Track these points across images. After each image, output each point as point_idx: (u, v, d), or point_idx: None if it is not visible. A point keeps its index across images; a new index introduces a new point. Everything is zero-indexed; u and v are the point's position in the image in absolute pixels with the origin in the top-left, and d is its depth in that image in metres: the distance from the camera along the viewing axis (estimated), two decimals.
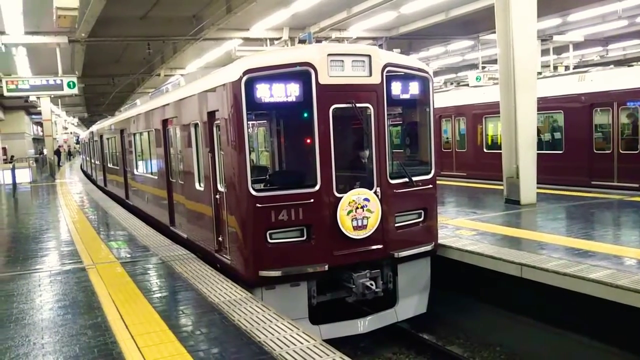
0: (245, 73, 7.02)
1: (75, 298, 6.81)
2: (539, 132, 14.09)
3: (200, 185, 9.12)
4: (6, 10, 16.56)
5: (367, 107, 7.62)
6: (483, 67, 26.67)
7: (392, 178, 7.84)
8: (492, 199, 13.18)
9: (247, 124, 7.12)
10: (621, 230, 9.33)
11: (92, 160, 28.57)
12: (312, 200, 7.25)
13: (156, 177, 12.49)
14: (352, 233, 7.43)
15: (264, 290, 7.30)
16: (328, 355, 4.74)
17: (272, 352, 4.82)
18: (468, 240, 8.78)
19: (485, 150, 17.99)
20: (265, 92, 7.06)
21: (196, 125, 8.99)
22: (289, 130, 8.61)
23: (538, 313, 7.56)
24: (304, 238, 7.36)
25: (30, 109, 45.53)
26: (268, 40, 21.81)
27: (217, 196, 8.19)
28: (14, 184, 21.98)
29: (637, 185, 12.98)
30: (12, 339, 5.49)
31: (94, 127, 28.51)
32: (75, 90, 22.05)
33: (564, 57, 29.81)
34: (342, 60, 7.44)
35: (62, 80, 21.24)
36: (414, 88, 8.12)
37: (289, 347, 4.93)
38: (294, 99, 7.18)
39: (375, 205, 7.55)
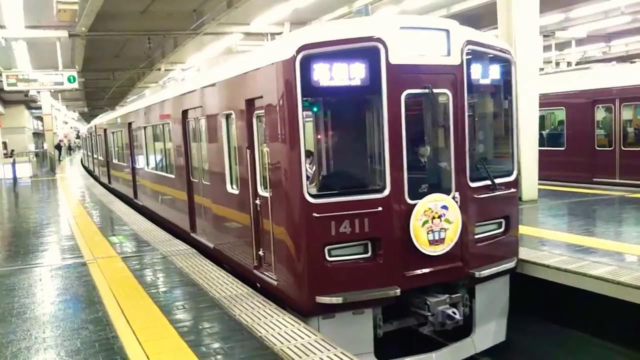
0: (300, 49, 5.66)
1: (76, 292, 6.82)
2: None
3: (232, 188, 7.75)
4: (6, 4, 16.52)
5: (445, 93, 6.34)
6: None
7: (472, 180, 6.55)
8: None
9: (302, 113, 5.79)
10: (623, 227, 9.31)
11: (95, 156, 27.59)
12: (380, 209, 5.94)
13: (173, 176, 11.06)
14: (428, 249, 6.11)
15: (321, 319, 5.95)
16: (329, 350, 4.74)
17: (272, 347, 4.82)
18: None
19: None
20: (325, 74, 5.72)
21: (228, 115, 7.62)
22: (350, 121, 6.83)
23: (538, 310, 7.54)
24: (369, 255, 6.04)
25: (30, 103, 45.48)
26: (269, 35, 21.76)
27: (258, 201, 6.83)
28: (15, 178, 22.02)
29: (639, 182, 12.95)
30: (14, 332, 5.50)
31: (97, 121, 27.62)
32: (75, 85, 22.03)
33: (566, 53, 29.72)
34: (417, 36, 6.11)
35: (62, 75, 21.21)
36: (496, 72, 6.86)
37: (289, 342, 4.93)
38: (359, 83, 5.84)
39: (454, 215, 6.23)
